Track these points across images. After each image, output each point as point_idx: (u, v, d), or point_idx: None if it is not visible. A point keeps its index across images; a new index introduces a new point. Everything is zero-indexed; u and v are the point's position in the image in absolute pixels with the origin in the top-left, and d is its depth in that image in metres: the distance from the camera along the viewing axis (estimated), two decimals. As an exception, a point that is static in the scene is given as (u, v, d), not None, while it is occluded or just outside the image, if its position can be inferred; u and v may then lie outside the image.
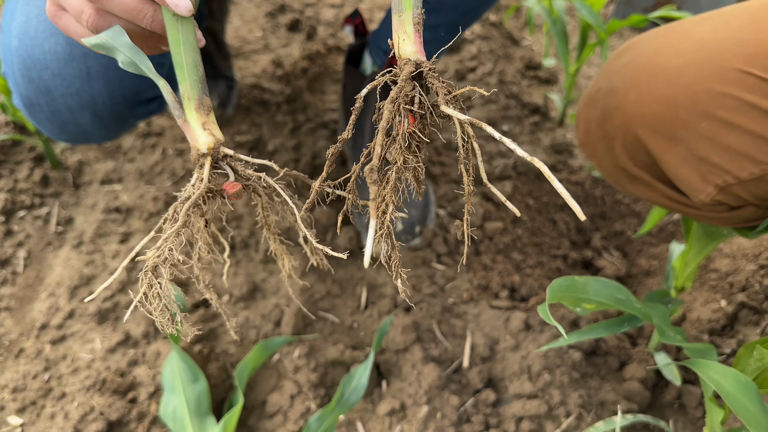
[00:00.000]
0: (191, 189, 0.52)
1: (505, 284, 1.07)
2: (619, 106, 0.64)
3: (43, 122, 0.77)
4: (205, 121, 0.51)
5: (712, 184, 0.60)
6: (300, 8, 1.70)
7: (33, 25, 0.71)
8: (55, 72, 0.72)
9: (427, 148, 1.31)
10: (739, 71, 0.56)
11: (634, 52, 0.65)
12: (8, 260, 1.11)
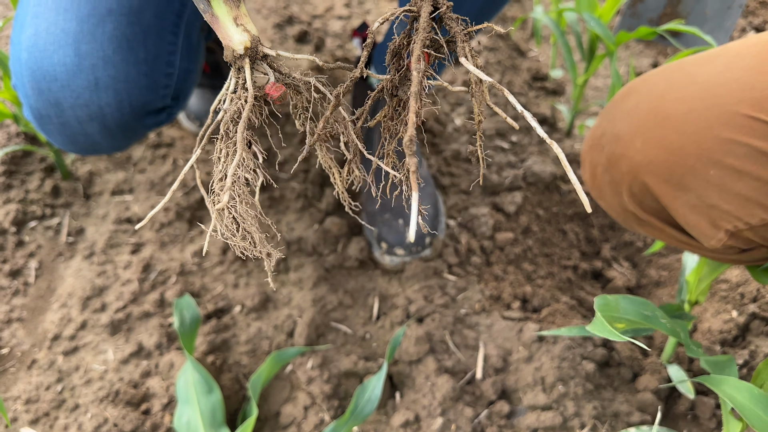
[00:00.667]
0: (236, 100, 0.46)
1: (517, 295, 1.07)
2: (625, 153, 0.63)
3: (53, 134, 0.78)
4: (237, 15, 0.45)
5: (723, 230, 0.60)
6: (308, 20, 1.71)
7: (42, 37, 0.72)
8: (64, 83, 0.72)
9: (437, 159, 1.32)
10: (746, 117, 0.55)
11: (638, 96, 0.65)
12: (20, 271, 1.11)
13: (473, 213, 1.19)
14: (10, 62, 0.76)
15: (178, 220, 1.18)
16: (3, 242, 1.14)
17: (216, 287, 1.08)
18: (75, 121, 0.75)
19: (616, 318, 0.60)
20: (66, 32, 0.72)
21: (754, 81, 0.56)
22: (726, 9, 1.66)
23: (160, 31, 0.79)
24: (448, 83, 0.49)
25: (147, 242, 1.15)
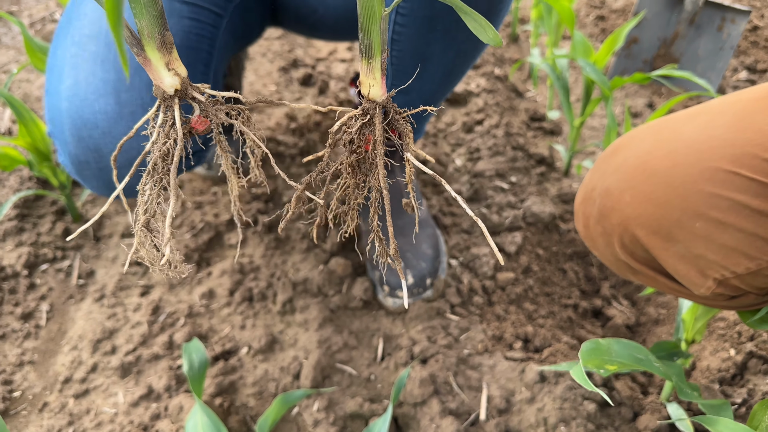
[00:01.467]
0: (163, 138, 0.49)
1: (519, 335, 1.09)
2: (615, 207, 0.67)
3: (90, 179, 0.81)
4: (169, 60, 0.47)
5: (711, 279, 0.63)
6: (312, 63, 1.76)
7: (82, 87, 0.76)
8: (105, 131, 0.76)
9: (438, 199, 1.35)
10: (728, 172, 0.58)
11: (626, 152, 0.68)
12: (31, 313, 1.13)
13: (475, 253, 1.21)
14: (47, 111, 0.80)
15: (186, 262, 1.21)
16: (15, 285, 1.17)
17: (223, 329, 1.10)
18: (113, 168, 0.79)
19: (608, 360, 0.63)
20: (105, 82, 0.76)
21: (733, 138, 0.59)
22: (718, 50, 1.72)
23: (192, 77, 0.84)
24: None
25: (156, 284, 1.17)
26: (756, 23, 2.00)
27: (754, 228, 0.58)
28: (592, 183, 0.73)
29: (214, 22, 0.92)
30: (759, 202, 0.58)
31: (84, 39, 0.81)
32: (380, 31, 0.46)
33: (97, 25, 0.82)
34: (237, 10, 1.01)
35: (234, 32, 1.02)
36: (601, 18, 2.05)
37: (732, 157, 0.59)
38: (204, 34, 0.88)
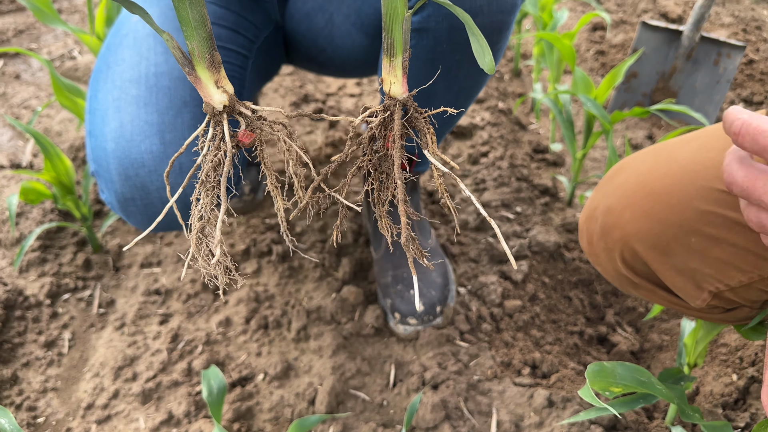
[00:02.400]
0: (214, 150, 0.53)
1: (527, 361, 1.12)
2: (616, 223, 0.72)
3: (134, 215, 0.86)
4: (218, 79, 0.50)
5: (706, 291, 0.67)
6: (322, 98, 1.83)
7: (128, 129, 0.81)
8: (151, 169, 0.81)
9: (445, 229, 1.40)
10: (720, 191, 0.64)
11: (627, 173, 0.74)
12: (54, 342, 1.17)
13: (482, 281, 1.25)
14: (90, 152, 0.85)
15: (203, 291, 1.25)
16: (38, 314, 1.21)
17: (240, 356, 1.14)
18: (159, 203, 0.83)
19: (612, 383, 0.66)
20: (150, 123, 0.81)
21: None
22: (715, 83, 1.77)
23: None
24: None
25: (175, 313, 1.21)
26: (751, 57, 2.06)
27: (746, 243, 0.63)
28: (595, 202, 0.78)
29: (242, 63, 0.98)
30: None
31: (125, 83, 0.86)
32: (402, 31, 0.50)
33: (137, 70, 0.87)
34: (260, 51, 1.07)
35: (258, 72, 1.08)
36: (601, 53, 2.11)
37: None
38: (235, 75, 0.94)
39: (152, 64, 0.89)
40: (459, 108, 0.99)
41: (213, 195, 0.57)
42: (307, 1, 1.06)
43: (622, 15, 2.38)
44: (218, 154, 0.55)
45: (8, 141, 1.75)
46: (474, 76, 0.90)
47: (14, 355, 1.14)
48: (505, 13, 0.80)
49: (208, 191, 0.57)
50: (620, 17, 2.36)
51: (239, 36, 1.00)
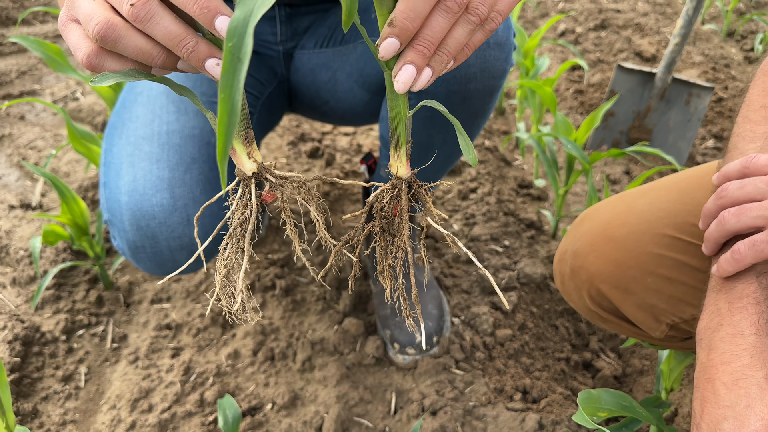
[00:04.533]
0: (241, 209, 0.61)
1: (518, 387, 1.20)
2: (583, 266, 0.82)
3: (144, 260, 0.93)
4: (250, 151, 0.57)
5: (664, 324, 0.77)
6: (318, 137, 1.92)
7: (140, 183, 0.89)
8: (161, 221, 0.88)
9: (439, 262, 1.48)
10: (672, 237, 0.74)
11: (591, 222, 0.84)
12: (71, 376, 1.23)
13: (475, 312, 1.33)
14: (105, 202, 0.92)
15: (212, 325, 1.32)
16: (55, 350, 1.27)
17: (249, 386, 1.21)
18: (167, 251, 0.90)
19: (599, 408, 0.75)
20: (161, 179, 0.89)
21: (676, 210, 0.75)
22: (687, 121, 1.89)
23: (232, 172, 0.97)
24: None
25: (185, 346, 1.28)
26: (720, 95, 2.19)
27: (695, 282, 0.73)
28: (565, 247, 0.88)
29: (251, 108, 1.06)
30: (697, 261, 0.72)
31: (139, 140, 0.94)
32: (405, 128, 0.59)
33: (150, 128, 0.95)
34: (264, 106, 1.15)
35: (261, 125, 1.17)
36: (579, 92, 2.24)
37: (675, 226, 0.74)
38: None
39: (164, 122, 0.97)
40: (454, 158, 1.09)
41: (238, 246, 0.65)
42: (312, 58, 1.15)
43: (599, 54, 2.52)
44: (245, 212, 0.64)
45: (16, 181, 1.82)
46: (467, 129, 0.99)
47: (33, 390, 1.19)
48: (495, 78, 0.89)
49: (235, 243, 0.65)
50: (597, 57, 2.49)
51: (247, 94, 1.09)
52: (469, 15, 0.46)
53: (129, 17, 0.44)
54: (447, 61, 0.48)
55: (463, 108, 0.93)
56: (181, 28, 0.45)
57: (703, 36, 2.79)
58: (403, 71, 0.47)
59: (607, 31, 2.72)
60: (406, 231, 0.62)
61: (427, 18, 0.45)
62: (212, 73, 0.47)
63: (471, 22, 0.46)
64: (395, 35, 0.45)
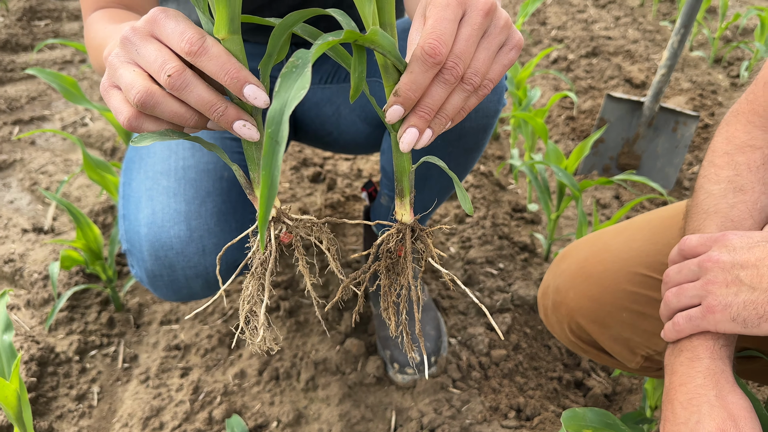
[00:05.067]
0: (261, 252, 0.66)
1: (512, 405, 1.25)
2: (563, 301, 0.88)
3: (161, 288, 0.98)
4: None
5: (639, 355, 0.83)
6: (320, 162, 1.99)
7: (159, 216, 0.95)
8: (178, 251, 0.94)
9: (437, 284, 1.54)
10: (644, 275, 0.80)
11: (570, 260, 0.91)
12: (84, 395, 1.28)
13: (471, 332, 1.39)
14: (125, 233, 0.98)
15: (220, 345, 1.37)
16: (68, 369, 1.32)
17: (255, 405, 1.26)
18: (183, 279, 0.96)
19: (584, 425, 0.80)
20: (178, 212, 0.94)
21: (648, 249, 0.82)
22: (674, 148, 1.97)
23: (244, 205, 1.03)
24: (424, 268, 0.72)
25: (194, 366, 1.33)
26: (707, 122, 2.27)
27: None
28: (547, 282, 0.95)
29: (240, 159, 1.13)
30: None
31: (156, 174, 1.00)
32: (409, 180, 0.65)
33: (167, 163, 1.01)
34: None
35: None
36: (571, 118, 2.31)
37: (647, 264, 0.81)
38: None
39: (181, 158, 1.03)
40: (450, 188, 1.15)
41: (260, 283, 0.71)
42: (317, 93, 1.22)
43: (590, 81, 2.60)
44: (265, 253, 0.70)
45: (27, 205, 1.88)
46: (462, 163, 1.05)
47: (49, 408, 1.24)
48: (488, 117, 0.96)
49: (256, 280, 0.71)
50: (589, 83, 2.57)
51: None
52: (464, 84, 0.52)
53: (166, 86, 0.50)
54: (445, 123, 0.54)
55: (459, 144, 1.00)
56: (212, 94, 0.51)
57: (692, 62, 2.88)
58: (407, 134, 0.53)
59: (598, 58, 2.81)
60: (410, 271, 0.68)
61: (428, 88, 0.51)
62: (239, 132, 0.53)
63: (466, 90, 0.53)
64: (400, 103, 0.51)
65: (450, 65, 0.51)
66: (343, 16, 0.54)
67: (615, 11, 3.39)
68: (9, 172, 2.04)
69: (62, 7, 3.39)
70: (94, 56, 0.83)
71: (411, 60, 0.50)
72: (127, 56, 0.54)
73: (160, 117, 0.53)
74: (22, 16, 3.19)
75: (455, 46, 0.51)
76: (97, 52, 0.80)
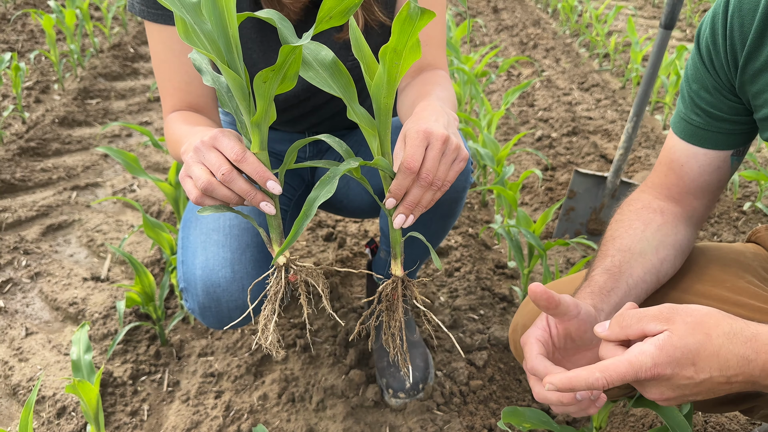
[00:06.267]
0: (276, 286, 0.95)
1: (485, 425, 1.50)
2: None
3: (209, 317, 1.27)
4: (284, 253, 0.91)
5: None
6: (332, 224, 2.29)
7: (211, 262, 1.24)
8: (224, 289, 1.23)
9: (427, 328, 1.81)
10: None
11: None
12: (136, 411, 1.54)
13: (454, 366, 1.65)
14: (183, 275, 1.27)
15: (247, 373, 1.64)
16: (124, 391, 1.59)
17: (275, 422, 1.51)
18: (227, 310, 1.25)
19: (524, 421, 1.06)
20: (225, 259, 1.24)
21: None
22: (634, 215, 2.24)
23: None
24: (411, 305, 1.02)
25: (226, 390, 1.60)
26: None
27: None
28: (516, 321, 1.21)
29: (283, 215, 1.43)
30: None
31: (209, 231, 1.31)
32: (400, 248, 0.95)
33: (217, 222, 1.32)
34: (295, 204, 1.53)
35: (292, 218, 1.54)
36: (550, 189, 2.62)
37: None
38: None
39: (227, 218, 1.33)
40: (434, 243, 1.45)
41: (273, 307, 1.01)
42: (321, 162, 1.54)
43: (569, 157, 2.92)
44: (278, 287, 0.99)
45: (85, 258, 2.19)
46: (440, 226, 1.35)
47: (108, 422, 1.50)
48: (458, 192, 1.26)
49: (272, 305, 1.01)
50: (568, 159, 2.89)
51: (283, 197, 1.47)
52: (432, 186, 0.84)
53: (220, 179, 0.82)
54: (422, 210, 0.86)
55: (436, 212, 1.30)
56: (248, 185, 0.83)
57: (661, 140, 3.20)
58: (398, 218, 0.85)
59: (578, 136, 3.14)
60: (400, 309, 0.97)
61: (410, 189, 0.83)
62: (263, 208, 0.85)
63: (433, 189, 0.84)
64: (392, 197, 0.83)
65: (423, 176, 0.83)
66: (332, 139, 0.87)
67: (597, 94, 3.75)
68: (69, 230, 2.36)
69: (111, 87, 3.82)
70: (171, 146, 1.16)
71: (398, 172, 0.83)
72: (197, 158, 0.86)
73: (216, 198, 0.85)
74: (77, 95, 3.61)
75: (424, 163, 0.83)
76: (174, 144, 1.12)
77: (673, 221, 1.09)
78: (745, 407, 1.16)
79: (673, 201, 1.10)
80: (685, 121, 1.06)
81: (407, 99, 1.16)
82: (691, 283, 1.10)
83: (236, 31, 0.74)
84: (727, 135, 1.04)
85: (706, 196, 1.10)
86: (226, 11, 0.72)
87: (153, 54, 1.18)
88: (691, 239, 1.12)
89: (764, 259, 1.18)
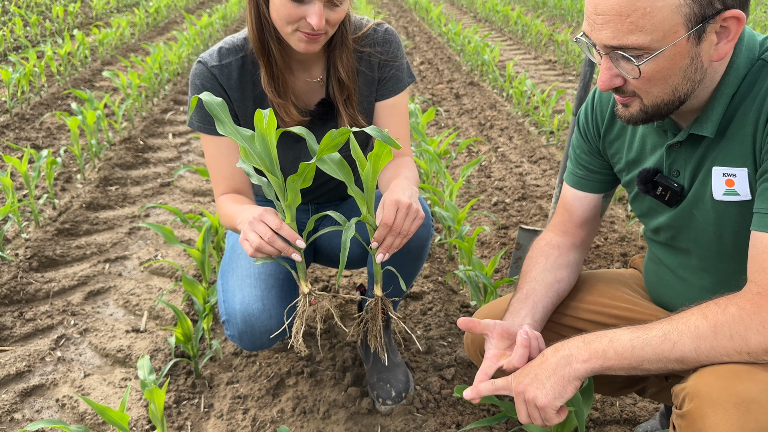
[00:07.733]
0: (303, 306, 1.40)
1: (455, 422, 1.89)
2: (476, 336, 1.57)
3: (245, 341, 1.67)
4: (306, 283, 1.38)
5: None
6: (326, 278, 2.73)
7: (247, 298, 1.66)
8: (257, 317, 1.64)
9: (408, 354, 2.22)
10: None
11: (477, 313, 1.62)
12: (182, 426, 1.91)
13: (429, 380, 2.05)
14: (225, 310, 1.69)
15: (267, 394, 2.02)
16: (170, 412, 1.95)
17: (292, 428, 1.89)
18: (259, 334, 1.66)
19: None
20: (257, 296, 1.66)
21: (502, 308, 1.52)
22: (570, 260, 2.72)
23: (290, 291, 1.75)
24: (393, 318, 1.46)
25: (251, 407, 1.98)
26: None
27: None
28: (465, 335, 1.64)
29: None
30: None
31: (244, 277, 1.74)
32: (380, 277, 1.41)
33: (250, 270, 1.75)
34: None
35: (301, 269, 1.98)
36: (503, 244, 3.10)
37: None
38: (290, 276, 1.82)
39: (256, 268, 1.77)
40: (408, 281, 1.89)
41: (301, 320, 1.44)
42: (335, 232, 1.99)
43: (520, 218, 3.42)
44: (304, 308, 1.43)
45: (123, 316, 2.58)
46: (411, 266, 1.80)
47: (161, 434, 1.87)
48: (422, 240, 1.72)
49: (300, 320, 1.44)
50: (519, 219, 3.40)
51: None
52: (401, 235, 1.31)
53: (267, 241, 1.29)
54: (395, 250, 1.33)
55: (408, 256, 1.75)
56: (284, 244, 1.30)
57: (597, 201, 3.73)
58: (378, 256, 1.32)
59: (527, 201, 3.66)
60: (380, 319, 1.42)
61: (386, 237, 1.31)
62: (294, 257, 1.33)
63: (401, 237, 1.32)
64: (375, 241, 1.30)
65: (394, 228, 1.30)
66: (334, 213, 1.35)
67: (544, 165, 4.31)
68: (106, 295, 2.75)
69: (127, 175, 4.28)
70: (225, 219, 1.62)
71: (379, 226, 1.30)
72: (251, 228, 1.32)
73: (263, 252, 1.32)
74: (99, 183, 4.06)
75: (395, 221, 1.30)
76: (228, 218, 1.58)
77: (566, 251, 1.55)
78: (638, 388, 1.58)
79: (567, 234, 1.56)
80: (572, 174, 1.54)
81: (384, 178, 1.64)
82: (583, 295, 1.55)
83: (275, 152, 1.23)
84: (599, 183, 1.52)
85: (589, 226, 1.56)
86: (269, 141, 1.20)
87: (207, 155, 1.66)
88: (581, 260, 1.57)
89: (638, 278, 1.65)
